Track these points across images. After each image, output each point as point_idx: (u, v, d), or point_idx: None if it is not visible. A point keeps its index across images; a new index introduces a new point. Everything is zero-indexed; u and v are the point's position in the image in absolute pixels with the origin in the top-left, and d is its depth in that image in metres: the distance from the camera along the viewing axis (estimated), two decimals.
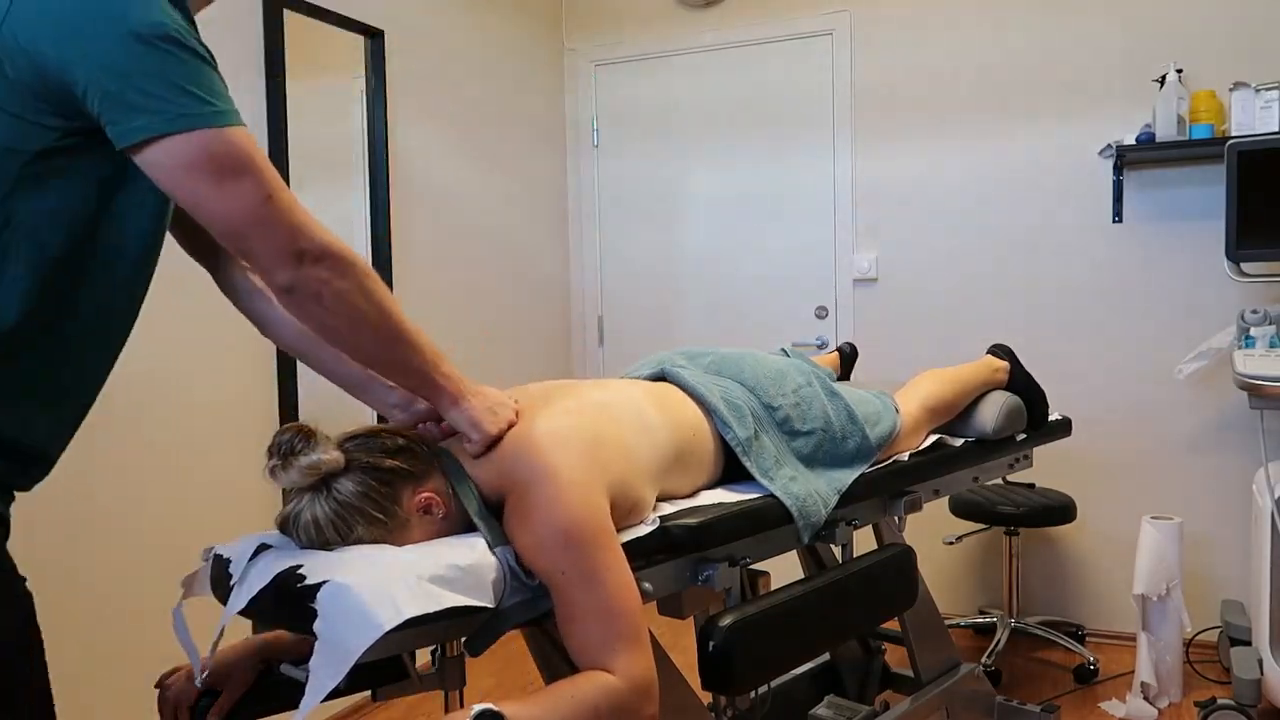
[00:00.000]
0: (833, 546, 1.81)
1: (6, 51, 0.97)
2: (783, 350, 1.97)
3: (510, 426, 1.28)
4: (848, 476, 1.67)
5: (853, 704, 2.10)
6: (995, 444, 2.11)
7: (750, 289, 3.76)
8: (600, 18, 3.92)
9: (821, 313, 3.65)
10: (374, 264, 2.90)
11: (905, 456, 1.87)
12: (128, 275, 1.12)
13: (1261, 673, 2.57)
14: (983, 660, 2.97)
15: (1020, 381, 2.20)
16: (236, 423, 2.46)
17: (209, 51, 1.03)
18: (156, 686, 1.33)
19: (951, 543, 3.36)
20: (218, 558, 1.23)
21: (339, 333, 1.12)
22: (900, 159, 3.51)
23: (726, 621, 1.32)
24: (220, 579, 1.20)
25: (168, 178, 1.00)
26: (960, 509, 3.11)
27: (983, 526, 3.27)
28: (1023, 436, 2.21)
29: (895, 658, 2.44)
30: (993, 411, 2.08)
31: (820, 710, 2.09)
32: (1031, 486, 3.22)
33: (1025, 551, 3.42)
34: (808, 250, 3.67)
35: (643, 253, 3.93)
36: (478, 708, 1.03)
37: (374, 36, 2.94)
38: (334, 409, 2.92)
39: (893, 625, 2.24)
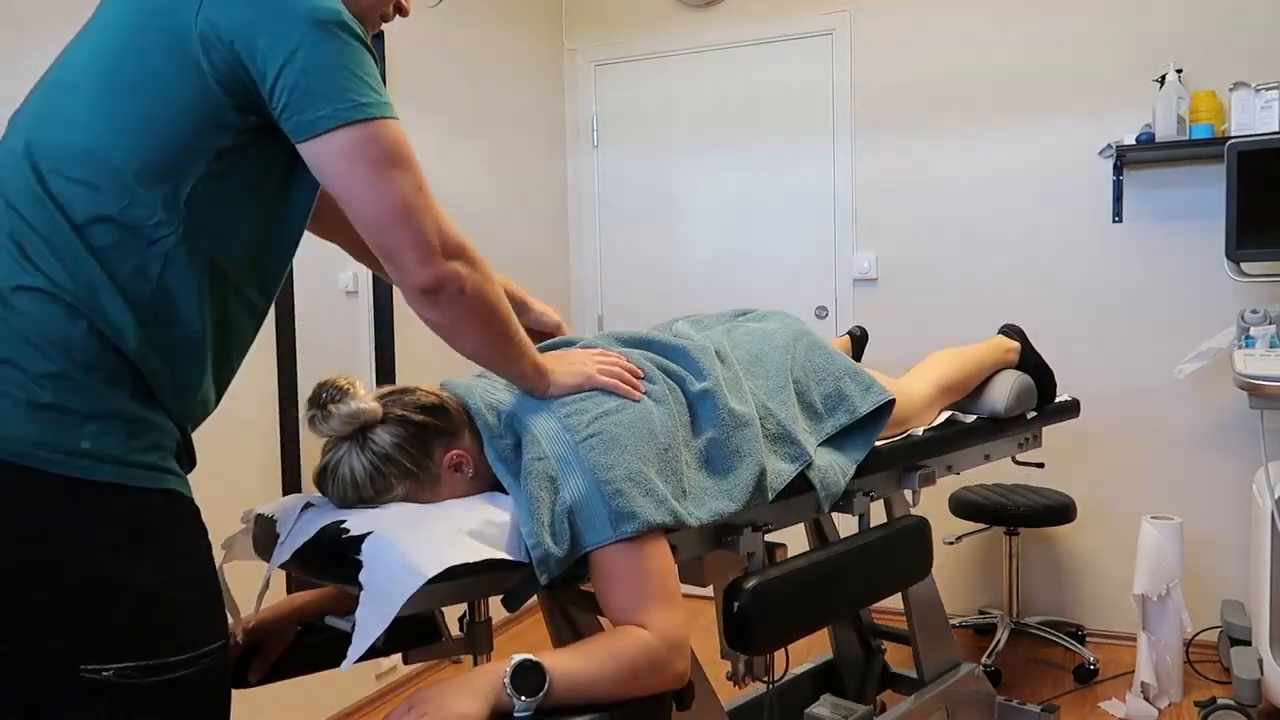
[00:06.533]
0: (850, 516, 1.83)
1: (207, 41, 1.00)
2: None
3: (599, 369, 1.33)
4: (862, 447, 1.68)
5: (849, 703, 2.10)
6: (1006, 422, 2.14)
7: (750, 289, 3.75)
8: (600, 18, 3.92)
9: (821, 313, 3.65)
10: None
11: (919, 432, 1.91)
12: (281, 270, 1.16)
13: (1261, 673, 2.57)
14: (983, 660, 2.97)
15: (1030, 361, 2.23)
16: (236, 417, 2.46)
17: (364, 32, 1.07)
18: None
19: (951, 543, 3.36)
20: (261, 517, 1.27)
21: (469, 329, 1.16)
22: (900, 159, 3.51)
23: (751, 584, 1.37)
24: (264, 538, 1.24)
25: (334, 167, 1.03)
26: (960, 509, 3.11)
27: (983, 526, 3.26)
28: (1033, 415, 2.24)
29: (895, 658, 2.44)
30: (1004, 390, 2.12)
31: (816, 709, 2.09)
32: (1043, 476, 3.23)
33: (1025, 551, 3.42)
34: (808, 250, 3.67)
35: (643, 253, 3.93)
36: (518, 658, 1.07)
37: (374, 36, 2.94)
38: None
39: (898, 624, 2.26)
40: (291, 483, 2.58)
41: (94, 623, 0.97)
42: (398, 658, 2.97)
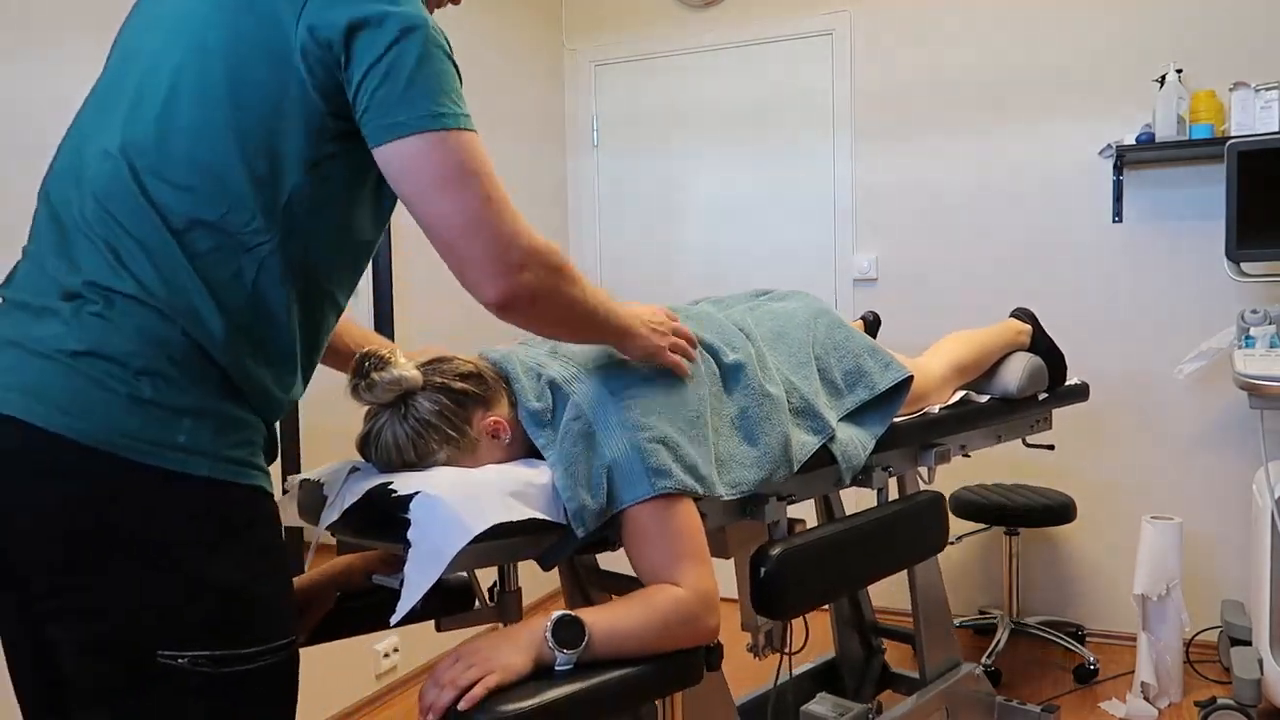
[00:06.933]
0: (861, 493, 1.86)
1: (307, 48, 1.02)
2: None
3: (675, 333, 1.37)
4: (881, 423, 1.73)
5: (846, 701, 2.12)
6: (1018, 402, 2.18)
7: (750, 289, 3.75)
8: (600, 18, 3.92)
9: None
10: (373, 265, 2.90)
11: (935, 410, 1.96)
12: (361, 271, 1.20)
13: (1261, 673, 2.57)
14: (983, 660, 2.97)
15: (1041, 344, 2.27)
16: None
17: (448, 43, 1.08)
18: None
19: (952, 543, 3.36)
20: (307, 482, 1.32)
21: (546, 327, 1.21)
22: (900, 159, 3.51)
23: (776, 550, 1.42)
24: (309, 502, 1.29)
25: (404, 173, 1.04)
26: (960, 509, 3.11)
27: (983, 526, 3.27)
28: (1044, 396, 2.28)
29: (894, 658, 2.45)
30: (1016, 371, 2.16)
31: (813, 706, 2.11)
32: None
33: (1025, 551, 3.42)
34: (808, 250, 3.67)
35: (643, 253, 3.93)
36: (558, 613, 1.13)
37: None
38: (335, 412, 2.92)
39: (904, 623, 2.27)
40: None
41: (175, 612, 1.00)
42: (396, 657, 2.98)
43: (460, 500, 1.13)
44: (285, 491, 1.37)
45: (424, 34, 1.04)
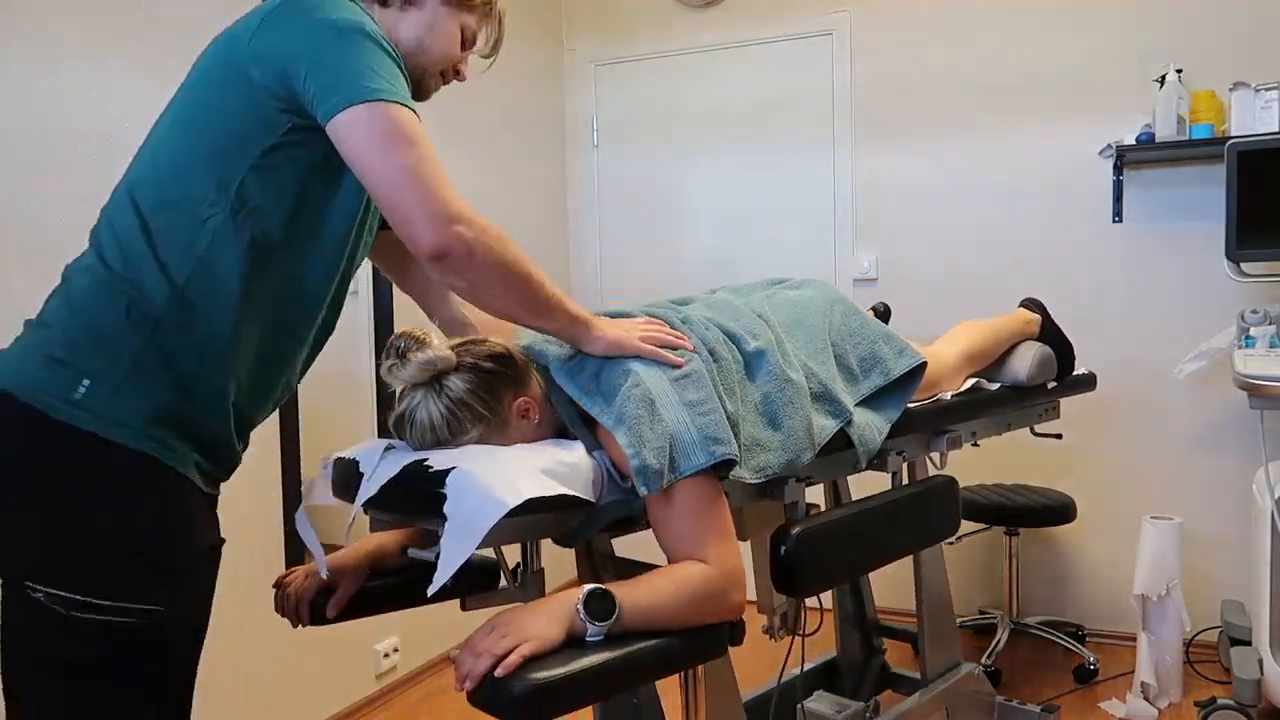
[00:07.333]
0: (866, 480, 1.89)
1: (256, 63, 1.17)
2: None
3: (643, 336, 1.41)
4: (896, 408, 1.76)
5: (843, 699, 2.13)
6: (1027, 390, 2.21)
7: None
8: (600, 18, 3.92)
9: None
10: (373, 266, 2.89)
11: (947, 396, 1.98)
12: (327, 259, 1.29)
13: (1261, 673, 2.57)
14: (983, 660, 2.97)
15: (1050, 333, 2.31)
16: None
17: (394, 50, 1.22)
18: (275, 586, 1.46)
19: (952, 543, 3.36)
20: (342, 460, 1.35)
21: (489, 290, 1.23)
22: (900, 159, 3.51)
23: (797, 530, 1.45)
24: (344, 480, 1.33)
25: (348, 140, 1.15)
26: (960, 509, 3.11)
27: (983, 526, 3.26)
28: (1053, 385, 2.31)
29: (894, 658, 2.45)
30: (1026, 359, 2.19)
31: (812, 704, 2.11)
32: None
33: (1025, 551, 3.41)
34: (808, 250, 3.67)
35: (643, 253, 3.93)
36: (589, 587, 1.16)
37: None
38: (335, 406, 2.92)
39: (908, 622, 2.27)
40: (292, 480, 2.58)
41: (43, 546, 1.13)
42: (396, 657, 2.98)
43: (495, 476, 1.16)
44: (322, 469, 1.40)
45: (358, 31, 1.16)
